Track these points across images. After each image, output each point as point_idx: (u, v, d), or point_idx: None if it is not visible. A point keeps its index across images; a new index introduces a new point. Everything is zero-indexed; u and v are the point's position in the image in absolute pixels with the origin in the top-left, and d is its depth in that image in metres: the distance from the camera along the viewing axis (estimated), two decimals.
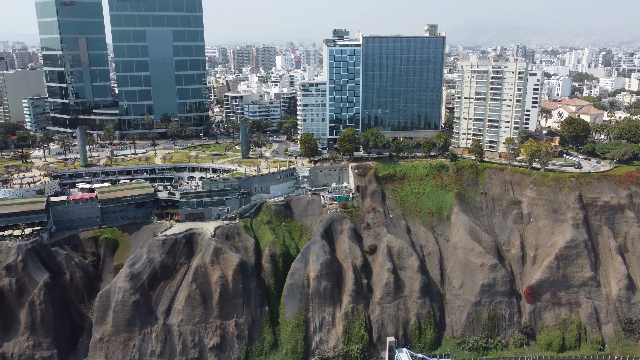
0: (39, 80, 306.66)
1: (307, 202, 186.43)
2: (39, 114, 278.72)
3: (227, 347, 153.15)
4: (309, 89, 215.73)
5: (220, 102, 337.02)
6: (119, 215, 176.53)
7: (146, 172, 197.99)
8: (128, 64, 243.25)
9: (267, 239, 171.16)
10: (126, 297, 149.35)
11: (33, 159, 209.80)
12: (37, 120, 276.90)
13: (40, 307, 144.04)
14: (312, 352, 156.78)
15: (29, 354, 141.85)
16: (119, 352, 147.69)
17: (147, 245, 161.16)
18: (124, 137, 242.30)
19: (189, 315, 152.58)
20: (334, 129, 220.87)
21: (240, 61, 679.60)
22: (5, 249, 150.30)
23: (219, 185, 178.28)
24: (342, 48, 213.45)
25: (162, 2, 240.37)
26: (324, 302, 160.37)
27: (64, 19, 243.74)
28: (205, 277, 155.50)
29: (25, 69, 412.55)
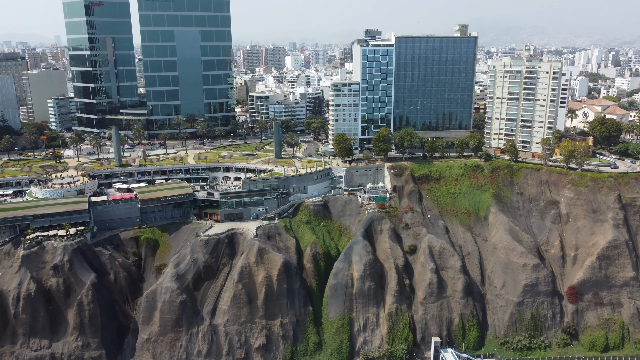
0: (62, 80, 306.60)
1: (345, 202, 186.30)
2: (64, 114, 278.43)
3: (273, 347, 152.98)
4: (342, 89, 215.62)
5: (240, 102, 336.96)
6: (157, 216, 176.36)
7: (181, 172, 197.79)
8: (156, 64, 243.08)
9: (308, 239, 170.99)
10: (173, 297, 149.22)
11: (66, 159, 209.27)
12: (61, 121, 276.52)
13: (88, 307, 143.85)
14: (357, 352, 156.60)
15: (78, 354, 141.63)
16: (166, 352, 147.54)
17: (190, 246, 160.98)
18: (152, 137, 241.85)
19: (234, 315, 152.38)
20: (366, 129, 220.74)
21: (250, 61, 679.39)
22: (51, 248, 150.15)
23: (258, 185, 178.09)
24: (375, 48, 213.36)
25: (191, 2, 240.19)
26: (367, 302, 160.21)
27: (92, 19, 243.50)
28: (251, 277, 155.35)
29: (49, 69, 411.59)
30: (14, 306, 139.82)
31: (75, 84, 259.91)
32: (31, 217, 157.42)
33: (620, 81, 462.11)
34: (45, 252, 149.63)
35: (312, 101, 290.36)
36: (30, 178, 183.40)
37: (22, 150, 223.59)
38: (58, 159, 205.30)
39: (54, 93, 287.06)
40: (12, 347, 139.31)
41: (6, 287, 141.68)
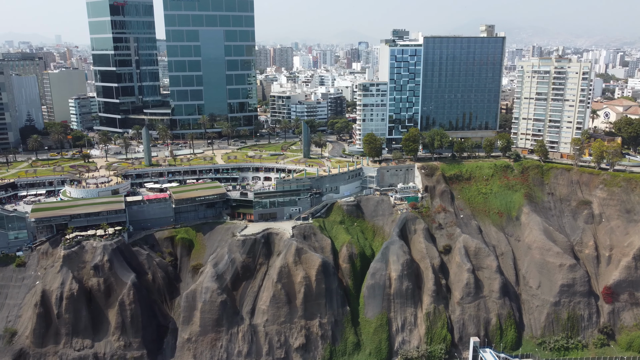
0: (82, 79, 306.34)
1: (377, 202, 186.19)
2: (85, 114, 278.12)
3: (312, 347, 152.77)
4: (369, 89, 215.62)
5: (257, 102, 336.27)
6: (189, 215, 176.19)
7: (211, 172, 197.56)
8: (181, 64, 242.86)
9: (343, 239, 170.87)
10: (214, 297, 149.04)
11: (94, 159, 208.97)
12: (82, 120, 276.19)
13: (130, 307, 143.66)
14: (395, 352, 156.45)
15: (120, 354, 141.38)
16: (207, 352, 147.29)
17: (227, 245, 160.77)
18: (177, 137, 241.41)
19: (274, 315, 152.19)
20: (392, 129, 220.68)
21: (258, 61, 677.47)
22: (90, 248, 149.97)
23: (291, 185, 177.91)
24: (403, 48, 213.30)
25: (216, 1, 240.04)
26: (405, 302, 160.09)
27: (117, 18, 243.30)
28: (289, 277, 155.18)
29: (68, 68, 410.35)
30: (57, 306, 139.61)
31: (98, 84, 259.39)
32: (69, 216, 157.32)
33: (633, 82, 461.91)
34: (85, 251, 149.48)
35: (334, 101, 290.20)
36: (62, 178, 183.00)
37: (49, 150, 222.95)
38: (86, 159, 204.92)
39: (74, 93, 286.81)
40: (56, 346, 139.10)
41: (49, 287, 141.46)
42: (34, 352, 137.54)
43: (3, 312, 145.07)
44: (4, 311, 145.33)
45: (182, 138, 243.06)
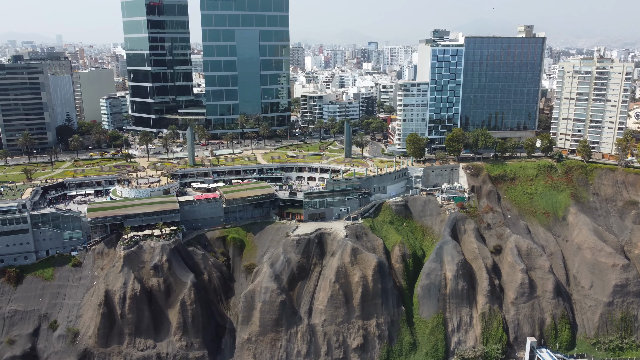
0: (110, 79, 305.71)
1: (424, 202, 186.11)
2: (115, 114, 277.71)
3: (369, 347, 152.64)
4: (410, 89, 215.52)
5: None
6: (238, 215, 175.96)
7: (254, 172, 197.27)
8: (216, 64, 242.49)
9: (394, 239, 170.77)
10: (273, 297, 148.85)
11: (136, 159, 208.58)
12: (113, 120, 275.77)
13: (191, 307, 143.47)
14: (452, 352, 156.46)
15: (182, 354, 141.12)
16: (267, 353, 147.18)
17: (282, 246, 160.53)
18: (214, 137, 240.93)
19: (331, 315, 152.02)
20: (433, 129, 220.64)
21: None
22: (148, 248, 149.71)
23: (341, 185, 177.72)
24: (444, 48, 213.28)
25: (252, 1, 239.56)
26: (461, 302, 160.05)
27: (152, 18, 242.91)
28: (346, 277, 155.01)
29: (97, 68, 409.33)
30: (120, 306, 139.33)
31: (132, 83, 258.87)
32: (124, 216, 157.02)
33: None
34: (143, 251, 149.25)
35: (365, 101, 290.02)
36: (110, 178, 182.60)
37: (88, 150, 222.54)
38: (129, 159, 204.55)
39: (103, 92, 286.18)
40: (120, 346, 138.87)
41: (111, 287, 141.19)
42: (98, 352, 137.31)
43: (63, 312, 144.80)
44: (63, 311, 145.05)
45: (216, 138, 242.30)
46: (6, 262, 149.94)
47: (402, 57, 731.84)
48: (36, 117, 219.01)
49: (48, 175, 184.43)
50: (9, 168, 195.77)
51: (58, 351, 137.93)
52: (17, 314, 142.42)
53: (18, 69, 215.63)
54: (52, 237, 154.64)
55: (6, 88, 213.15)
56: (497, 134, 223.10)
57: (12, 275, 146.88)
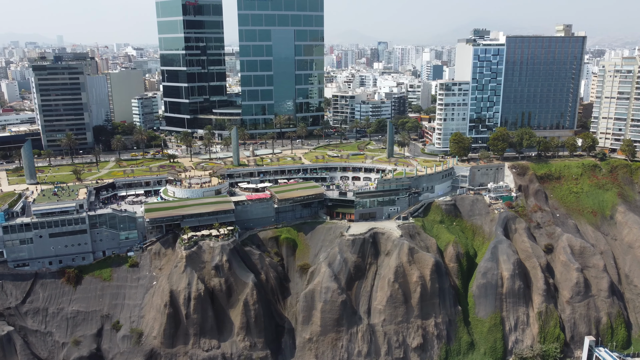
0: (139, 79, 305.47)
1: (472, 202, 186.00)
2: (146, 114, 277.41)
3: (428, 347, 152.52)
4: (452, 88, 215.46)
5: None
6: (288, 215, 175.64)
7: (299, 172, 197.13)
8: (252, 64, 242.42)
9: (446, 239, 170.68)
10: (334, 296, 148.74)
11: (179, 159, 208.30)
12: (145, 120, 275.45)
13: (254, 308, 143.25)
14: (510, 351, 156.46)
15: (246, 354, 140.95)
16: (328, 352, 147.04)
17: (337, 245, 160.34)
18: (252, 137, 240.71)
19: (391, 315, 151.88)
20: (473, 128, 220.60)
21: None
22: (207, 248, 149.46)
23: (391, 184, 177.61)
24: (486, 47, 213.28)
25: (288, 1, 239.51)
26: (517, 301, 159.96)
27: (188, 18, 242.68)
28: (405, 277, 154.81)
29: (127, 68, 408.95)
30: (185, 306, 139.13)
31: (166, 84, 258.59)
32: (181, 216, 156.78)
33: None
34: (203, 251, 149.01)
35: (397, 100, 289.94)
36: (158, 178, 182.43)
37: (126, 150, 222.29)
38: (172, 159, 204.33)
39: (132, 92, 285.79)
40: (185, 347, 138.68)
41: (176, 287, 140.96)
42: (165, 352, 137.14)
43: (125, 313, 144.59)
44: (125, 311, 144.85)
45: (253, 138, 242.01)
46: (64, 263, 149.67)
47: (413, 56, 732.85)
48: (76, 117, 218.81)
49: (96, 176, 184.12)
50: (54, 168, 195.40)
51: (124, 352, 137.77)
52: (79, 314, 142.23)
53: (59, 69, 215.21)
54: (108, 238, 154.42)
55: (47, 88, 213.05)
56: (537, 133, 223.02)
57: (72, 275, 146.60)
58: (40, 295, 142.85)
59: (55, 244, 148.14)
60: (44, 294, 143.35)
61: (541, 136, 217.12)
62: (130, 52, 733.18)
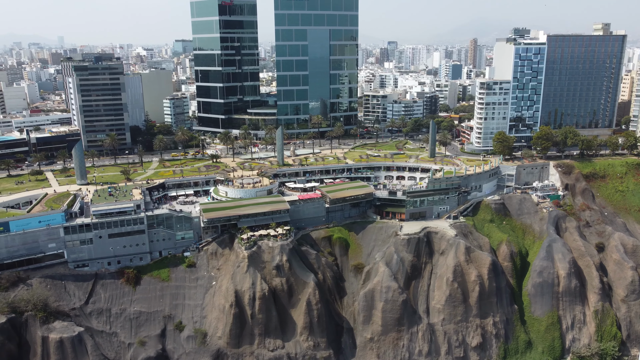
0: (168, 80, 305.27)
1: (520, 201, 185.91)
2: (178, 114, 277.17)
3: (487, 346, 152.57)
4: (492, 87, 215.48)
5: None
6: (337, 215, 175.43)
7: (343, 172, 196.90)
8: (288, 63, 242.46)
9: (498, 238, 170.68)
10: (395, 296, 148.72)
11: (222, 159, 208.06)
12: (176, 121, 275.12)
13: (316, 307, 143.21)
14: (567, 350, 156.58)
15: (310, 354, 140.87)
16: (390, 352, 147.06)
17: (393, 245, 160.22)
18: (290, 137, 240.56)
19: (450, 314, 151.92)
20: (513, 127, 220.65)
21: None
22: (267, 248, 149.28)
23: (441, 184, 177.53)
24: (527, 47, 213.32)
25: (324, 0, 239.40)
26: (574, 300, 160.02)
27: (223, 18, 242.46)
28: (463, 276, 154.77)
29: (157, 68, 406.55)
30: (251, 306, 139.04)
31: (199, 84, 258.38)
32: (238, 216, 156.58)
33: None
34: (262, 251, 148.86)
35: (428, 100, 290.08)
36: (207, 178, 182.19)
37: (166, 150, 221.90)
38: (215, 159, 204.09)
39: (162, 92, 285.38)
40: (251, 347, 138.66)
41: (240, 288, 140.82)
42: (231, 352, 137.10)
43: (186, 313, 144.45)
44: (186, 312, 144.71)
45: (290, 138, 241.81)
46: (123, 263, 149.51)
47: (424, 56, 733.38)
48: (116, 117, 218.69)
49: (144, 176, 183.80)
50: (99, 169, 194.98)
51: (190, 352, 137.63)
52: (142, 315, 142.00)
53: (100, 69, 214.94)
54: (165, 238, 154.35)
55: (88, 89, 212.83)
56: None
57: (131, 276, 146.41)
58: (101, 295, 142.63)
59: (114, 244, 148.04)
60: (105, 294, 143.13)
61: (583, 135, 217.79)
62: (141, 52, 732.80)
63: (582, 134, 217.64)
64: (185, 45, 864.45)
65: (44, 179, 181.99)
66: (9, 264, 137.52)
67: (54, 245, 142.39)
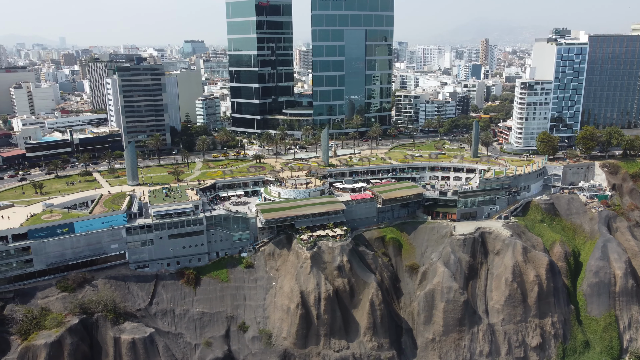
0: (198, 80, 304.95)
1: (568, 201, 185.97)
2: (210, 115, 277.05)
3: (546, 346, 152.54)
4: (534, 87, 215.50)
5: None
6: (386, 215, 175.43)
7: (388, 172, 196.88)
8: (325, 64, 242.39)
9: (550, 238, 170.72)
10: (456, 296, 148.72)
11: (266, 160, 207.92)
12: (208, 121, 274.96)
13: (379, 308, 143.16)
14: (625, 350, 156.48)
15: (375, 354, 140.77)
16: (452, 352, 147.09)
17: (449, 245, 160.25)
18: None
19: (509, 314, 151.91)
20: (553, 127, 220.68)
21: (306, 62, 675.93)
22: (326, 249, 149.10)
23: (492, 184, 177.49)
24: (569, 47, 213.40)
25: (361, 1, 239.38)
26: (630, 300, 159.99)
27: (260, 18, 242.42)
28: (521, 276, 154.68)
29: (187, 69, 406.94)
30: (316, 307, 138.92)
31: (234, 84, 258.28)
32: (295, 217, 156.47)
33: None
34: (322, 252, 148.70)
35: (460, 100, 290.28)
36: (256, 179, 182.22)
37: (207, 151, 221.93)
38: (258, 159, 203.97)
39: (193, 93, 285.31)
40: (317, 347, 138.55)
41: (305, 288, 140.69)
42: (298, 353, 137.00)
43: (248, 314, 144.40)
44: (248, 312, 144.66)
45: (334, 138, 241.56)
46: (182, 264, 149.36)
47: (435, 56, 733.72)
48: (157, 118, 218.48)
49: (192, 177, 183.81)
50: (144, 169, 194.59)
51: (256, 353, 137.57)
52: (205, 315, 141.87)
53: (142, 70, 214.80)
54: (222, 239, 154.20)
55: (130, 90, 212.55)
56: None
57: (191, 277, 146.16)
58: (163, 296, 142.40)
59: (174, 245, 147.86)
60: (167, 295, 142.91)
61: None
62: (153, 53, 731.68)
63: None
64: (195, 45, 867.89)
65: (93, 179, 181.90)
66: (74, 265, 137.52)
67: (116, 246, 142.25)
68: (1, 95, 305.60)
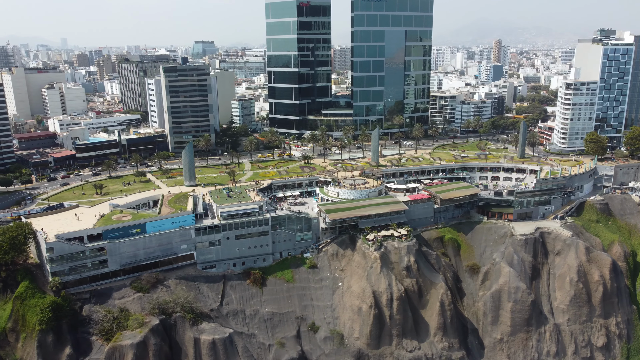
0: (231, 81, 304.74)
1: (621, 201, 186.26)
2: (246, 115, 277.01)
3: (611, 346, 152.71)
4: (580, 88, 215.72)
5: None
6: (442, 215, 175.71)
7: (438, 172, 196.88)
8: (365, 64, 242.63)
9: (608, 238, 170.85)
10: (524, 296, 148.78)
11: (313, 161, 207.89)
12: (244, 122, 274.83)
13: (449, 308, 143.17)
14: None
15: (446, 355, 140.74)
16: (520, 352, 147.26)
17: (511, 245, 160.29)
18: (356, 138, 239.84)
19: (575, 314, 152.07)
20: (598, 128, 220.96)
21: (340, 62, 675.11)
22: (392, 249, 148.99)
23: (548, 184, 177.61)
24: (615, 47, 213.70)
25: (401, 1, 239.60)
26: None
27: (301, 19, 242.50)
28: (585, 276, 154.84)
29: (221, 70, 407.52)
30: (389, 307, 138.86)
31: (272, 85, 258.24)
32: (359, 217, 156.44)
33: None
34: (389, 252, 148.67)
35: (496, 101, 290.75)
36: (310, 179, 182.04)
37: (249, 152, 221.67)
38: (307, 160, 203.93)
39: (226, 93, 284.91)
40: (390, 347, 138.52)
41: (376, 289, 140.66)
42: (372, 353, 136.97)
43: (317, 314, 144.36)
44: (317, 313, 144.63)
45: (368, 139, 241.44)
46: (247, 265, 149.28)
47: (448, 57, 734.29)
48: (202, 119, 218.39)
49: (246, 177, 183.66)
50: (198, 170, 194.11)
51: (329, 353, 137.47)
52: (274, 316, 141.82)
53: (188, 70, 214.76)
54: (286, 239, 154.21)
55: (177, 90, 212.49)
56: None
57: (257, 277, 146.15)
58: (232, 297, 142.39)
59: (240, 245, 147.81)
60: (235, 295, 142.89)
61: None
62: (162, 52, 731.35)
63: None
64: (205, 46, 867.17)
65: (147, 180, 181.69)
66: (146, 265, 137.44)
67: (185, 246, 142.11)
68: (34, 96, 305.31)
